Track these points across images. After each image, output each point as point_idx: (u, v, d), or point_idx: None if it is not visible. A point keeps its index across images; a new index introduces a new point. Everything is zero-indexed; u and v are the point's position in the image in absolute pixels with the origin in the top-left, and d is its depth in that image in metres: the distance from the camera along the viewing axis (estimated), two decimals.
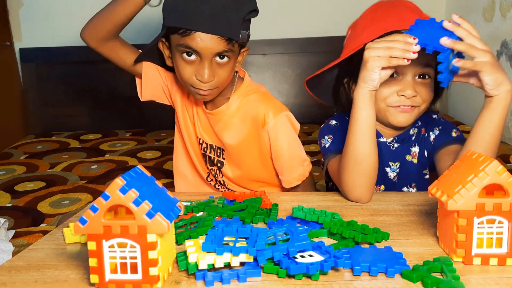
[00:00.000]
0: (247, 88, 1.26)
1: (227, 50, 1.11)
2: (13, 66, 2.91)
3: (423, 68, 1.05)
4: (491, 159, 0.72)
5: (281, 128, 1.23)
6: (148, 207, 0.65)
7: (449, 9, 2.86)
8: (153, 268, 0.67)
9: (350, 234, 0.80)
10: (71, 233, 0.86)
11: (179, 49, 1.12)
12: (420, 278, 0.68)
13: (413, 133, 1.18)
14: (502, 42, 2.35)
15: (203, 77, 1.12)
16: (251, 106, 1.23)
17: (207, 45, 1.09)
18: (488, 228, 0.73)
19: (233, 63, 1.17)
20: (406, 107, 1.07)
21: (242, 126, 1.24)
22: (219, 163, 1.31)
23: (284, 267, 0.69)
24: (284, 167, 1.26)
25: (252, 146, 1.26)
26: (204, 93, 1.15)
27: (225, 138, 1.26)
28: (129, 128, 2.96)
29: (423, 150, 1.17)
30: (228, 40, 1.10)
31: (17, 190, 2.07)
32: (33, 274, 0.75)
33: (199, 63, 1.12)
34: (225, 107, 1.24)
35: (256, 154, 1.28)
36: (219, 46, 1.10)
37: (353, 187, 1.01)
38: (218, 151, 1.30)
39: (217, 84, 1.15)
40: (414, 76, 1.06)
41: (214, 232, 0.76)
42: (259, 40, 2.79)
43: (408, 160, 1.18)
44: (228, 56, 1.13)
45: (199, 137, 1.31)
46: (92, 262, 0.67)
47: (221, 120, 1.26)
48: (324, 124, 1.23)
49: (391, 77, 1.03)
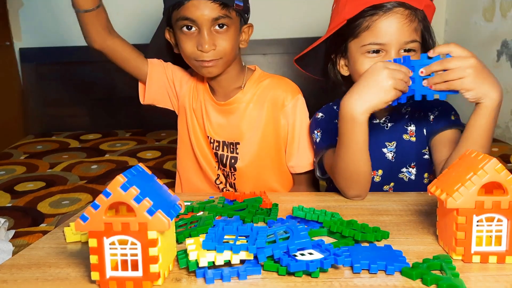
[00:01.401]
0: (261, 75, 1.28)
1: (223, 16, 1.14)
2: (13, 66, 2.91)
3: (407, 43, 1.04)
4: (490, 158, 0.72)
5: (299, 110, 1.25)
6: (149, 204, 0.66)
7: (449, 9, 2.86)
8: (153, 265, 0.67)
9: (350, 233, 0.81)
10: (71, 232, 0.86)
11: (178, 25, 1.16)
12: (420, 275, 0.69)
13: (405, 111, 1.17)
14: (502, 42, 2.36)
15: (204, 46, 1.14)
16: (267, 90, 1.25)
17: (203, 11, 1.13)
18: (487, 226, 0.73)
19: (234, 34, 1.18)
20: None
21: (259, 112, 1.25)
22: (232, 160, 1.29)
23: (284, 264, 0.69)
24: (300, 149, 1.26)
25: (269, 134, 1.26)
26: (207, 65, 1.17)
27: (242, 127, 1.26)
28: (129, 128, 2.97)
29: (422, 129, 1.15)
30: (222, 5, 1.13)
31: (17, 190, 2.07)
32: (34, 272, 0.75)
33: (198, 34, 1.15)
34: (241, 94, 1.25)
35: (272, 143, 1.27)
36: (214, 12, 1.13)
37: (349, 191, 1.03)
38: (231, 146, 1.29)
39: (220, 54, 1.17)
40: (398, 51, 1.05)
41: (214, 230, 0.76)
42: (259, 40, 2.79)
43: (405, 139, 1.16)
44: (226, 24, 1.16)
45: (209, 136, 1.30)
46: (93, 259, 0.67)
47: (237, 110, 1.26)
48: (312, 118, 1.23)
49: (375, 52, 1.05)
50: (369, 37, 1.05)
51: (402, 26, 1.03)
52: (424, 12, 1.06)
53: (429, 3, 1.07)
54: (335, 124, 1.15)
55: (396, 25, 1.03)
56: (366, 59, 1.06)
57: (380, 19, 1.03)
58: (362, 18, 1.05)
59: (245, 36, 1.25)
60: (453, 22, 2.81)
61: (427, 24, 1.08)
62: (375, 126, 1.16)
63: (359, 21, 1.05)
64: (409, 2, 1.03)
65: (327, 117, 1.18)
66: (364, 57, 1.07)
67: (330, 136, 1.13)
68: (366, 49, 1.06)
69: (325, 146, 1.13)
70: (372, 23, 1.04)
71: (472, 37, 2.59)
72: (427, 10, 1.07)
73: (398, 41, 1.03)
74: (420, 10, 1.05)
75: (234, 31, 1.19)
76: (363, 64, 1.06)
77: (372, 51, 1.05)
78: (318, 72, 1.24)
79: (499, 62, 2.37)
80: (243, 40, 1.25)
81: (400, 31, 1.03)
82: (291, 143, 1.27)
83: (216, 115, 1.29)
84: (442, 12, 2.89)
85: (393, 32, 1.03)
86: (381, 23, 1.03)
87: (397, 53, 1.04)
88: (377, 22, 1.03)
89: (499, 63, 2.38)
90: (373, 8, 1.04)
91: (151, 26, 1.24)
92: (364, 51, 1.06)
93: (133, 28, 2.86)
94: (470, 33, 2.62)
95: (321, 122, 1.18)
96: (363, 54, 1.06)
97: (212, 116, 1.29)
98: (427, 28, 1.08)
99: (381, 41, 1.04)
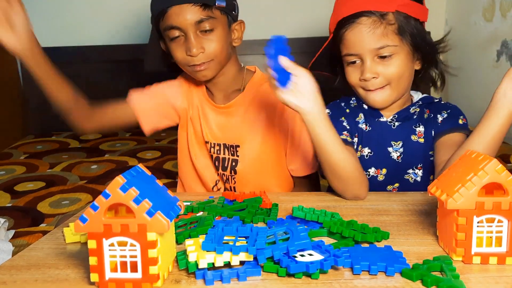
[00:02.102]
0: (261, 77, 1.27)
1: (206, 18, 1.14)
2: (13, 66, 2.91)
3: (377, 50, 1.07)
4: (491, 158, 0.72)
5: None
6: (148, 206, 0.65)
7: (449, 9, 2.86)
8: (153, 266, 0.67)
9: (350, 234, 0.80)
10: (71, 233, 0.86)
11: (166, 35, 1.17)
12: (420, 276, 0.68)
13: (414, 111, 1.17)
14: (502, 42, 2.35)
15: (191, 50, 1.14)
16: (268, 95, 1.23)
17: (185, 16, 1.13)
18: (488, 227, 0.73)
19: (222, 34, 1.17)
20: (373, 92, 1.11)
21: (260, 116, 1.24)
22: (233, 162, 1.28)
23: (284, 266, 0.69)
24: (301, 153, 1.25)
25: (269, 137, 1.25)
26: (199, 68, 1.16)
27: (242, 130, 1.25)
28: (129, 128, 2.96)
29: (430, 130, 1.15)
30: (203, 7, 1.13)
31: (17, 190, 2.07)
32: (33, 273, 0.75)
33: (186, 40, 1.15)
34: (241, 97, 1.24)
35: (272, 146, 1.26)
36: (196, 15, 1.13)
37: (345, 193, 1.03)
38: (232, 149, 1.28)
39: (210, 56, 1.16)
40: (373, 58, 1.08)
41: (214, 231, 0.76)
42: (259, 40, 2.78)
43: (413, 140, 1.16)
44: (211, 25, 1.15)
45: (208, 141, 1.29)
46: (92, 260, 0.67)
47: (237, 113, 1.25)
48: None
49: (352, 63, 1.10)
50: (344, 49, 1.11)
51: (367, 35, 1.06)
52: (401, 12, 1.06)
53: (405, 2, 1.07)
54: (341, 121, 1.15)
55: (361, 35, 1.07)
56: (348, 67, 1.12)
57: (347, 31, 1.09)
58: (339, 30, 1.10)
59: (237, 34, 1.23)
60: (453, 22, 2.81)
61: (405, 24, 1.07)
62: (381, 124, 1.17)
63: (338, 32, 1.10)
64: (374, 8, 1.05)
65: (334, 114, 1.18)
66: (346, 64, 1.12)
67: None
68: (345, 60, 1.12)
69: None
70: (343, 35, 1.09)
71: (472, 37, 2.59)
72: (405, 9, 1.07)
73: (367, 49, 1.07)
74: (393, 12, 1.06)
75: (222, 31, 1.17)
76: (347, 71, 1.13)
77: (350, 62, 1.11)
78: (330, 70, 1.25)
79: (498, 62, 2.37)
80: (236, 38, 1.23)
81: (367, 40, 1.06)
82: (292, 146, 1.26)
83: (215, 118, 1.28)
84: (442, 12, 2.89)
85: (360, 42, 1.07)
86: (349, 35, 1.09)
87: (372, 61, 1.08)
88: (346, 35, 1.09)
89: (498, 63, 2.37)
90: (344, 21, 1.08)
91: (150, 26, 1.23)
92: (346, 62, 1.12)
93: (133, 28, 2.87)
94: (470, 33, 2.61)
95: None
96: (346, 62, 1.12)
97: (211, 119, 1.28)
98: (403, 28, 1.07)
99: (353, 52, 1.09)
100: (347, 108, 1.19)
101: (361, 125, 1.17)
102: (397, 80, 1.09)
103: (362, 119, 1.17)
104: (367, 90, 1.11)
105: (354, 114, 1.18)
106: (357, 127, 1.17)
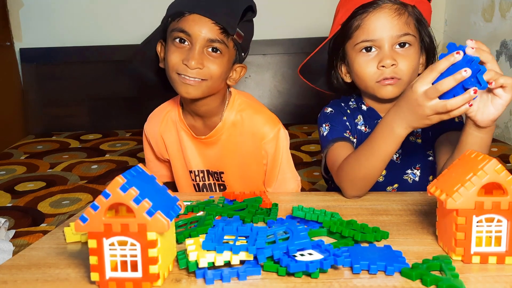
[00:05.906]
0: (240, 103, 1.24)
1: (219, 40, 1.11)
2: (13, 66, 2.91)
3: (399, 36, 1.05)
4: (490, 158, 0.72)
5: (280, 140, 1.24)
6: (148, 205, 0.66)
7: (449, 9, 2.86)
8: (153, 266, 0.67)
9: (350, 233, 0.81)
10: (71, 232, 0.86)
11: (172, 35, 1.12)
12: (420, 276, 0.69)
13: None
14: (501, 42, 2.36)
15: (190, 61, 1.09)
16: (247, 122, 1.22)
17: (201, 28, 1.09)
18: (487, 226, 0.73)
19: (226, 63, 1.14)
20: (389, 80, 1.06)
21: (240, 142, 1.24)
22: (221, 186, 1.30)
23: (284, 265, 0.69)
24: (280, 178, 1.26)
25: (251, 162, 1.26)
26: (189, 82, 1.11)
27: (225, 158, 1.25)
28: (129, 128, 2.96)
29: (428, 131, 1.15)
30: (221, 29, 1.10)
31: (17, 190, 2.07)
32: (34, 272, 0.75)
33: (189, 49, 1.11)
34: (221, 125, 1.22)
35: (255, 171, 1.28)
36: (212, 33, 1.10)
37: (351, 192, 1.03)
38: (216, 175, 1.29)
39: (205, 75, 1.11)
40: (392, 46, 1.05)
41: (214, 231, 0.76)
42: (259, 40, 2.79)
43: (411, 141, 1.16)
44: (220, 50, 1.12)
45: (192, 171, 1.29)
46: (92, 260, 0.67)
47: (218, 141, 1.24)
48: (320, 113, 1.23)
49: (368, 51, 1.06)
50: (360, 35, 1.07)
51: (392, 20, 1.04)
52: (417, 8, 1.07)
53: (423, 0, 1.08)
54: (343, 120, 1.15)
55: (385, 20, 1.04)
56: (361, 57, 1.08)
57: (369, 16, 1.05)
58: (353, 19, 1.07)
59: (235, 75, 1.21)
60: (452, 22, 2.81)
61: (421, 19, 1.08)
62: None
63: (351, 22, 1.07)
64: None
65: (335, 112, 1.18)
66: (359, 55, 1.08)
67: (337, 130, 1.13)
68: (359, 48, 1.07)
69: (332, 140, 1.13)
70: (362, 21, 1.06)
71: (471, 37, 2.57)
72: (420, 6, 1.07)
73: (389, 35, 1.04)
74: (412, 6, 1.06)
75: (227, 61, 1.14)
76: (359, 62, 1.08)
77: (365, 49, 1.07)
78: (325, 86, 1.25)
79: (498, 62, 2.37)
80: (232, 78, 1.21)
81: (390, 25, 1.04)
82: (271, 171, 1.26)
83: (196, 149, 1.27)
84: (442, 12, 2.89)
85: (383, 27, 1.04)
86: (370, 20, 1.05)
87: (391, 49, 1.05)
88: (367, 20, 1.05)
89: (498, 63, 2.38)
90: (363, 8, 1.06)
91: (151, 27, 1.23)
92: (358, 50, 1.08)
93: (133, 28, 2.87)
94: (469, 33, 2.62)
95: (330, 116, 1.17)
96: (358, 52, 1.08)
97: (192, 151, 1.28)
98: (421, 23, 1.08)
99: (372, 38, 1.05)
100: (347, 108, 1.19)
101: (360, 126, 1.17)
102: (408, 77, 1.07)
103: (361, 121, 1.17)
104: (381, 80, 1.06)
105: (353, 115, 1.18)
106: (356, 129, 1.17)
